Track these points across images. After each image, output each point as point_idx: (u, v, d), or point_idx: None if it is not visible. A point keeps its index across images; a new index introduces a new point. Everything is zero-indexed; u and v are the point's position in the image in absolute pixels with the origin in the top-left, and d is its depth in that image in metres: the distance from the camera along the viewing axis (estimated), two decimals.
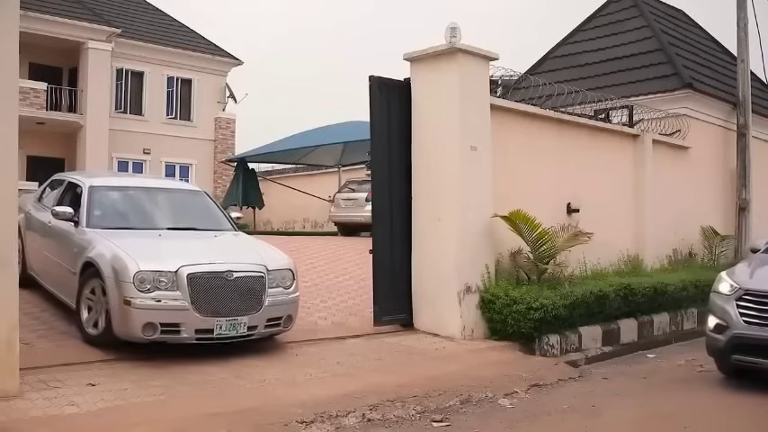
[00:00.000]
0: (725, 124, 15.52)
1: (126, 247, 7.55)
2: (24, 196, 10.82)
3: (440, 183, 9.40)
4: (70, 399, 5.92)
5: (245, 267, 7.77)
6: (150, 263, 7.29)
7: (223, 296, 7.43)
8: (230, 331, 7.44)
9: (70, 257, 8.20)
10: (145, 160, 31.00)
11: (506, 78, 10.87)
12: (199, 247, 8.34)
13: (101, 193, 8.97)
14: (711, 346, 8.03)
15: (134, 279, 7.13)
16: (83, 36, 27.87)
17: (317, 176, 29.57)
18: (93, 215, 8.54)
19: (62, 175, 10.78)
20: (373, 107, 9.50)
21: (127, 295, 7.12)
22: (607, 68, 15.85)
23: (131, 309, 7.08)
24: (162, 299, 7.18)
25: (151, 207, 9.27)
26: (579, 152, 11.51)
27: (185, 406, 6.02)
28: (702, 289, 11.52)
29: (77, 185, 9.27)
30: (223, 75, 33.62)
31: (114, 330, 7.26)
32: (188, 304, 7.22)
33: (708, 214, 14.45)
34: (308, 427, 5.74)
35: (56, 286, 8.83)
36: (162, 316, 7.16)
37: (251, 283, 7.69)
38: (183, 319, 7.22)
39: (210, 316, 7.31)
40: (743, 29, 15.08)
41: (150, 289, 7.15)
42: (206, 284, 7.37)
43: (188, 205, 9.71)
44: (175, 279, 7.25)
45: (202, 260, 7.62)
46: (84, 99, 28.20)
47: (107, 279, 7.30)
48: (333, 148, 22.86)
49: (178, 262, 7.38)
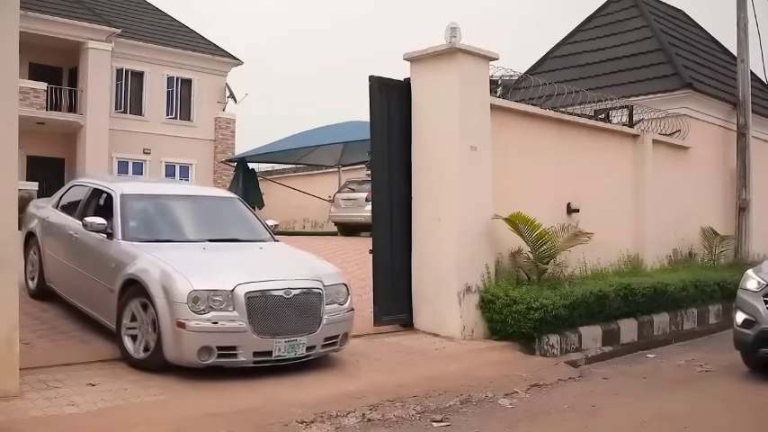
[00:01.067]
0: (725, 124, 15.52)
1: (173, 263, 7.01)
2: (36, 202, 10.45)
3: (440, 183, 9.40)
4: (70, 399, 5.92)
5: (303, 284, 7.24)
6: (204, 281, 6.77)
7: (282, 315, 6.93)
8: (289, 353, 6.94)
9: (106, 273, 7.55)
10: (145, 160, 31.00)
11: (506, 78, 10.87)
12: (248, 261, 7.85)
13: (134, 201, 8.26)
14: (739, 340, 8.40)
15: (188, 299, 6.60)
16: (83, 36, 27.87)
17: (316, 176, 29.55)
18: (128, 226, 7.85)
19: (83, 180, 10.04)
20: (373, 107, 9.50)
21: (180, 317, 6.58)
22: (607, 68, 15.85)
23: (186, 332, 6.55)
24: (219, 320, 6.65)
25: (187, 216, 8.64)
26: (579, 152, 11.51)
27: (185, 406, 6.01)
28: (702, 289, 11.57)
29: (105, 193, 8.61)
30: (223, 75, 33.62)
31: (165, 354, 6.69)
32: (246, 325, 6.70)
33: (708, 214, 14.45)
34: (307, 426, 5.74)
35: (86, 303, 8.12)
36: (219, 339, 6.66)
37: (309, 301, 7.17)
38: (241, 342, 6.71)
39: (269, 337, 6.81)
40: (743, 29, 15.09)
41: (205, 309, 6.63)
42: (264, 303, 6.85)
43: (224, 213, 9.09)
44: (231, 298, 6.72)
45: (258, 277, 7.07)
46: (84, 99, 28.21)
47: (156, 299, 6.72)
48: (333, 148, 22.84)
49: (233, 279, 6.85)
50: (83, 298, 8.21)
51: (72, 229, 8.52)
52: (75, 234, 8.39)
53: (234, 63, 33.81)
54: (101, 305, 7.65)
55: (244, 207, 9.33)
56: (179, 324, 6.57)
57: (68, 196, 9.58)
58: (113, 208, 8.05)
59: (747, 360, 8.55)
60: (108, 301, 7.37)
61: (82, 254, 8.24)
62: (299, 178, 30.43)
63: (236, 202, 9.35)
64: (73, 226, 8.53)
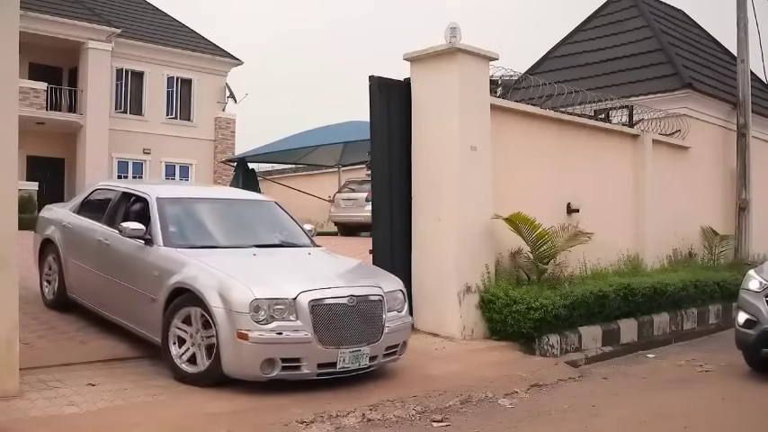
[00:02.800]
0: (725, 124, 15.52)
1: (228, 270, 6.71)
2: (51, 207, 10.09)
3: (440, 183, 9.40)
4: (70, 399, 5.93)
5: (365, 291, 6.93)
6: (265, 289, 6.43)
7: (346, 324, 6.61)
8: (353, 363, 6.64)
9: (146, 281, 7.19)
10: (145, 160, 31.02)
11: (506, 78, 10.87)
12: (303, 267, 7.56)
13: (171, 206, 7.83)
14: (741, 340, 8.48)
15: (250, 308, 6.26)
16: (83, 36, 27.90)
17: (316, 176, 29.58)
18: (169, 232, 7.46)
19: (108, 184, 9.74)
20: (373, 107, 9.50)
21: (242, 327, 6.22)
22: (607, 68, 15.84)
23: (248, 343, 6.20)
24: (283, 330, 6.32)
25: (227, 221, 8.32)
26: (579, 152, 11.51)
27: (185, 406, 6.02)
28: (702, 289, 11.57)
29: (138, 197, 8.17)
30: (223, 75, 33.64)
31: (224, 368, 6.36)
32: (311, 335, 6.37)
33: (708, 214, 14.45)
34: (307, 426, 5.74)
35: (120, 314, 7.68)
36: (283, 350, 6.33)
37: (372, 309, 6.86)
38: (306, 353, 6.39)
39: (333, 347, 6.50)
40: (743, 29, 15.08)
41: (267, 319, 6.29)
42: (329, 312, 6.53)
43: (262, 218, 8.74)
44: (294, 307, 6.40)
45: (319, 284, 6.74)
46: (84, 99, 28.23)
47: (214, 309, 6.35)
48: (333, 148, 22.87)
49: (296, 287, 6.53)
50: (116, 309, 7.76)
51: (102, 236, 8.08)
52: (105, 241, 7.97)
53: (234, 63, 33.82)
54: (139, 316, 7.30)
55: (281, 211, 8.95)
56: (240, 335, 6.22)
57: (91, 201, 9.11)
58: (150, 213, 7.63)
59: (749, 360, 8.60)
60: (149, 311, 7.03)
61: (115, 262, 7.80)
62: (299, 178, 30.46)
63: (272, 206, 8.99)
64: (102, 232, 8.12)
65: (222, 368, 6.36)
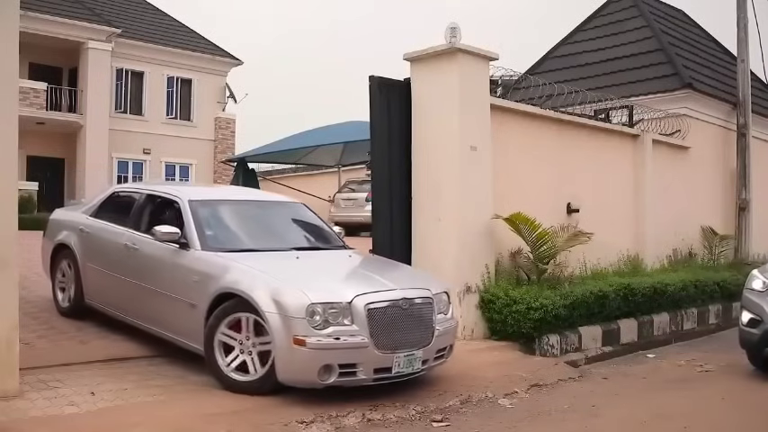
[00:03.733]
0: (725, 124, 15.52)
1: (277, 274, 6.57)
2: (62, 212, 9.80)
3: (440, 183, 9.40)
4: (70, 399, 5.93)
5: (416, 293, 6.76)
6: (320, 293, 6.24)
7: (401, 328, 6.46)
8: (407, 368, 6.48)
9: (183, 287, 6.95)
10: (145, 160, 31.04)
11: (506, 78, 10.86)
12: (349, 270, 7.48)
13: (204, 208, 7.60)
14: (745, 339, 8.56)
15: (306, 313, 6.05)
16: (83, 36, 27.92)
17: (316, 176, 29.57)
18: (205, 235, 7.23)
19: (127, 186, 9.43)
20: (373, 107, 9.50)
21: (298, 333, 6.02)
22: (607, 68, 15.84)
23: (305, 349, 5.99)
24: (340, 335, 6.12)
25: (260, 223, 8.13)
26: (579, 152, 11.51)
27: (185, 406, 6.01)
28: (702, 289, 11.57)
29: (166, 200, 7.96)
30: (223, 75, 33.66)
31: (278, 375, 6.16)
32: (367, 340, 6.19)
33: (708, 214, 14.45)
34: (307, 426, 5.74)
35: (152, 321, 7.43)
36: (340, 356, 6.14)
37: (423, 311, 6.71)
38: (362, 358, 6.21)
39: (389, 352, 6.33)
40: (743, 29, 15.08)
41: (322, 324, 6.10)
42: (384, 315, 6.36)
43: (293, 219, 8.55)
44: (350, 311, 6.22)
45: (372, 287, 6.59)
46: (84, 99, 28.25)
47: (267, 314, 6.13)
48: (333, 148, 22.85)
49: (350, 291, 6.39)
50: (146, 316, 7.50)
51: (129, 240, 7.78)
52: (133, 245, 7.69)
53: (234, 63, 33.84)
54: (174, 323, 7.08)
55: (310, 212, 8.77)
56: (297, 341, 6.01)
57: (110, 204, 8.79)
58: (183, 216, 7.39)
59: (753, 359, 8.66)
60: (187, 318, 6.82)
61: (145, 267, 7.52)
62: (299, 178, 30.44)
63: (301, 207, 8.81)
64: (129, 236, 7.82)
65: (276, 376, 6.16)
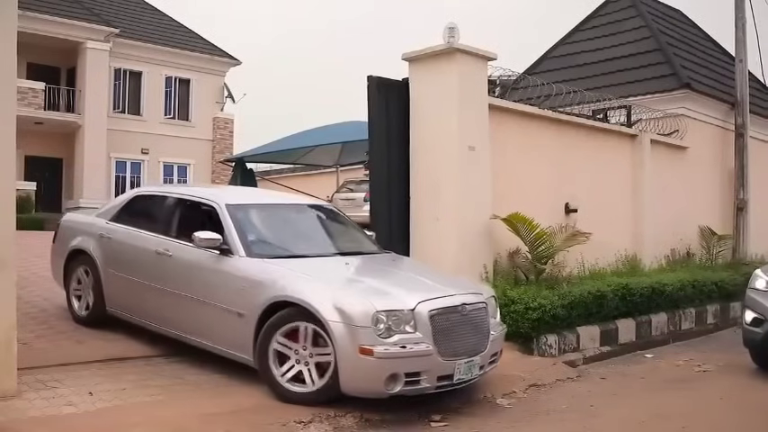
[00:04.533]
0: (723, 124, 15.52)
1: (334, 281, 6.51)
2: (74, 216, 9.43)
3: (438, 183, 9.40)
4: (68, 399, 5.92)
5: (472, 298, 6.68)
6: (384, 301, 6.11)
7: (461, 334, 6.38)
8: (466, 374, 6.37)
9: (227, 295, 6.71)
10: (143, 160, 31.06)
11: (505, 78, 10.88)
12: (402, 275, 7.37)
13: (242, 213, 7.37)
14: (748, 338, 8.61)
15: (372, 322, 5.91)
16: (81, 36, 27.92)
17: (315, 176, 29.55)
18: (248, 241, 7.00)
19: (153, 190, 9.12)
20: (372, 107, 9.51)
21: (365, 343, 5.86)
22: (605, 68, 15.84)
23: (372, 359, 5.84)
24: (406, 343, 5.98)
25: (299, 227, 7.98)
26: (577, 152, 11.51)
27: (183, 406, 6.01)
28: (700, 289, 11.56)
29: (199, 204, 7.68)
30: (221, 75, 33.67)
31: (342, 386, 5.99)
32: (432, 347, 6.07)
33: (705, 214, 14.46)
34: (306, 426, 5.75)
35: (190, 330, 7.14)
36: (406, 365, 6.00)
37: (479, 316, 6.63)
38: (426, 366, 6.08)
39: (451, 359, 6.23)
40: (741, 29, 15.09)
41: (387, 333, 5.95)
42: (446, 322, 6.25)
43: (329, 223, 8.35)
44: (413, 318, 6.07)
45: (432, 293, 6.47)
46: (83, 99, 28.26)
47: (331, 323, 5.94)
48: (331, 147, 22.81)
49: (411, 297, 6.24)
50: (182, 325, 7.23)
51: (160, 246, 7.47)
52: (166, 252, 7.39)
53: (232, 63, 33.85)
54: (218, 332, 6.83)
55: (343, 216, 8.63)
56: (363, 351, 5.85)
57: (132, 208, 8.43)
58: (222, 221, 7.13)
59: (756, 358, 8.73)
60: (233, 327, 6.61)
61: (181, 274, 7.24)
62: (298, 178, 30.43)
63: (333, 210, 8.67)
64: (161, 242, 7.51)
65: (340, 386, 6.01)
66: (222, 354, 6.84)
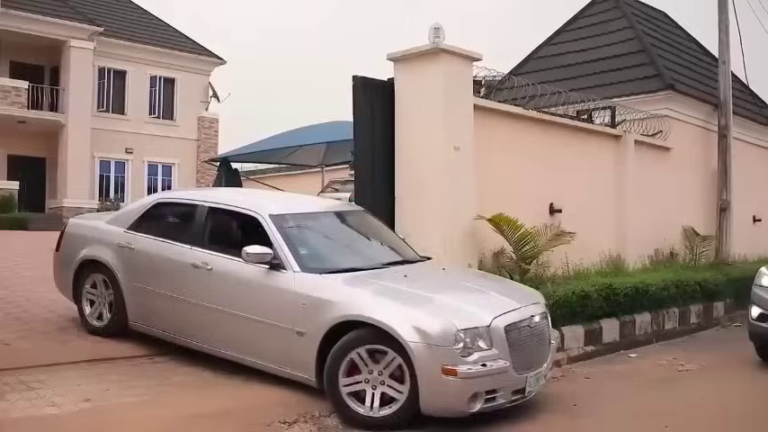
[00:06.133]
0: (706, 125, 15.61)
1: (403, 298, 6.25)
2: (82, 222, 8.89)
3: (423, 183, 9.41)
4: (51, 399, 5.89)
5: (536, 309, 6.64)
6: (463, 319, 5.94)
7: (530, 347, 6.33)
8: (534, 386, 6.34)
9: (283, 312, 6.45)
10: (127, 160, 30.94)
11: (490, 79, 10.88)
12: (464, 287, 7.16)
13: (288, 224, 7.05)
14: (754, 333, 9.07)
15: (455, 341, 5.76)
16: (65, 34, 27.77)
17: (300, 176, 29.53)
18: (300, 255, 6.71)
19: (177, 197, 8.72)
20: (356, 107, 9.50)
21: (448, 362, 5.69)
22: (590, 69, 15.90)
23: (455, 379, 5.68)
24: (485, 361, 5.85)
25: (342, 237, 7.78)
26: (562, 152, 11.55)
27: (168, 406, 6.00)
28: (683, 289, 11.62)
29: (237, 213, 7.40)
30: (206, 74, 33.59)
31: (423, 407, 5.79)
32: (508, 363, 5.97)
33: (689, 215, 14.54)
34: (290, 427, 5.74)
35: (237, 348, 6.84)
36: (486, 383, 5.87)
37: (543, 326, 6.60)
38: (503, 382, 5.99)
39: (524, 372, 6.17)
40: (724, 30, 15.18)
41: (467, 351, 5.80)
42: (518, 336, 6.18)
43: (369, 230, 8.10)
44: (488, 334, 5.95)
45: (502, 307, 6.34)
46: (66, 98, 28.10)
47: (411, 344, 5.71)
48: (316, 148, 22.81)
49: (486, 313, 6.12)
50: (225, 342, 6.92)
51: (197, 260, 7.11)
52: (204, 265, 7.04)
53: (217, 62, 33.77)
54: (272, 350, 6.58)
55: (377, 220, 8.36)
56: (447, 371, 5.68)
57: (155, 217, 8.01)
58: (268, 233, 6.83)
59: (761, 351, 9.14)
60: (290, 345, 6.37)
61: (224, 290, 6.92)
62: (283, 178, 30.40)
63: (367, 215, 8.30)
64: (198, 255, 7.14)
65: (420, 406, 5.80)
66: (272, 371, 6.62)
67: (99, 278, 8.02)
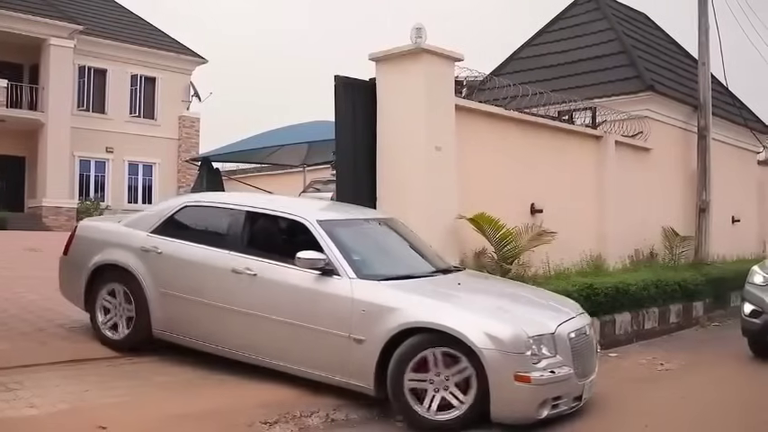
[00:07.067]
0: (686, 126, 15.72)
1: (470, 306, 6.38)
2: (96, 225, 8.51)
3: (405, 183, 9.42)
4: (29, 401, 5.83)
5: (585, 318, 6.84)
6: (532, 326, 6.03)
7: (587, 354, 6.47)
8: (588, 393, 6.44)
9: (339, 319, 6.32)
10: (108, 159, 30.78)
11: (471, 79, 10.91)
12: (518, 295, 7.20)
13: (337, 230, 6.95)
14: (747, 329, 9.50)
15: (526, 348, 5.82)
16: (45, 33, 27.57)
17: (282, 176, 29.47)
18: (354, 261, 6.63)
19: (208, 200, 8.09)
20: (338, 107, 9.49)
21: (521, 370, 5.75)
22: (571, 70, 15.94)
23: (528, 386, 5.75)
24: (553, 368, 5.94)
25: (386, 244, 7.72)
26: (543, 153, 11.60)
27: (149, 407, 5.96)
28: (663, 289, 11.69)
29: (282, 219, 7.30)
30: (187, 73, 33.47)
31: (494, 413, 5.82)
32: (572, 370, 6.10)
33: (669, 215, 14.63)
34: (271, 427, 5.73)
35: (285, 357, 6.65)
36: (554, 389, 5.97)
37: (592, 336, 6.78)
38: (567, 389, 6.10)
39: (583, 379, 6.30)
40: (704, 32, 15.28)
41: (536, 358, 5.87)
42: (578, 343, 6.30)
43: (404, 238, 7.92)
44: (553, 341, 6.03)
45: (561, 315, 6.51)
46: (46, 96, 27.90)
47: (484, 351, 5.73)
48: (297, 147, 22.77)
49: (550, 321, 6.25)
50: (273, 350, 6.72)
51: (239, 265, 6.87)
52: (248, 270, 6.82)
53: (198, 61, 33.65)
54: (324, 358, 6.44)
55: (406, 227, 8.18)
56: (520, 378, 5.74)
57: (183, 220, 7.70)
58: (318, 239, 6.70)
59: (753, 346, 9.52)
60: (346, 353, 6.26)
61: (271, 296, 6.74)
62: (265, 178, 30.31)
63: (398, 222, 8.14)
64: (239, 261, 6.91)
65: (490, 412, 5.83)
66: (318, 379, 6.51)
67: (119, 286, 7.56)
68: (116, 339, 7.54)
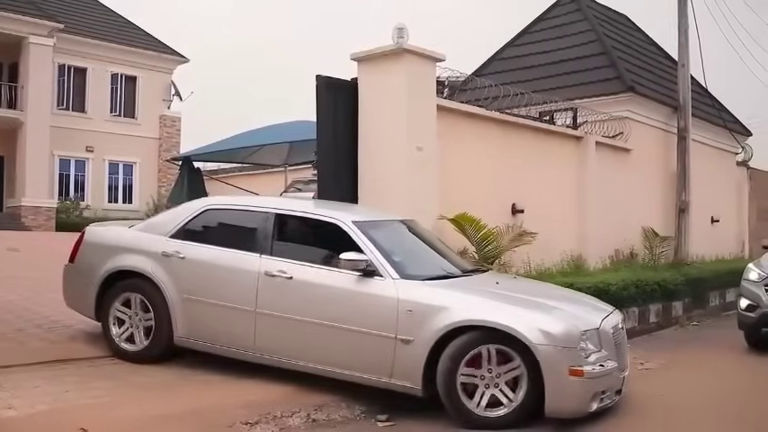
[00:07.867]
0: (666, 127, 15.84)
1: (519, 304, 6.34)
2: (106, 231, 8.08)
3: (386, 183, 9.43)
4: (8, 402, 5.78)
5: (619, 314, 7.05)
6: (581, 321, 6.21)
7: (623, 349, 6.66)
8: (625, 387, 6.66)
9: (383, 320, 6.25)
10: (88, 158, 30.55)
11: (453, 80, 10.94)
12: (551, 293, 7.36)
13: (373, 231, 6.86)
14: (743, 322, 10.13)
15: (579, 343, 5.95)
16: (24, 30, 27.30)
17: (263, 176, 29.40)
18: (395, 262, 6.57)
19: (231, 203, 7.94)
20: (320, 107, 9.49)
21: (575, 364, 5.87)
22: (552, 71, 16.02)
23: (583, 380, 5.87)
24: (602, 362, 6.10)
25: (413, 245, 7.62)
26: (524, 153, 11.65)
27: (129, 408, 5.92)
28: (643, 289, 11.76)
29: (314, 221, 7.24)
30: (168, 72, 33.29)
31: (548, 407, 5.88)
32: (616, 364, 6.30)
33: (649, 215, 14.74)
34: (252, 427, 5.71)
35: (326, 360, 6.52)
36: (603, 383, 6.12)
37: (624, 332, 6.93)
38: (612, 383, 6.28)
39: (623, 373, 6.53)
40: (684, 34, 15.41)
41: (586, 353, 6.01)
42: (619, 338, 6.55)
43: (428, 239, 7.90)
44: (598, 336, 6.18)
45: (601, 311, 6.73)
46: (25, 95, 27.63)
47: (538, 346, 5.79)
48: (279, 147, 22.73)
49: (595, 316, 6.46)
50: (312, 353, 6.58)
51: (272, 268, 6.73)
52: (282, 273, 6.68)
53: (180, 60, 33.49)
54: (368, 360, 6.36)
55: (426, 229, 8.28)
56: (574, 372, 5.84)
57: (205, 224, 7.45)
58: (356, 240, 6.62)
59: (749, 339, 10.15)
60: (390, 353, 6.20)
61: (309, 299, 6.60)
62: (246, 177, 30.23)
63: (418, 225, 8.11)
64: (273, 263, 6.77)
65: (545, 407, 5.89)
66: (363, 382, 6.42)
67: (135, 294, 7.29)
68: (134, 351, 7.25)
